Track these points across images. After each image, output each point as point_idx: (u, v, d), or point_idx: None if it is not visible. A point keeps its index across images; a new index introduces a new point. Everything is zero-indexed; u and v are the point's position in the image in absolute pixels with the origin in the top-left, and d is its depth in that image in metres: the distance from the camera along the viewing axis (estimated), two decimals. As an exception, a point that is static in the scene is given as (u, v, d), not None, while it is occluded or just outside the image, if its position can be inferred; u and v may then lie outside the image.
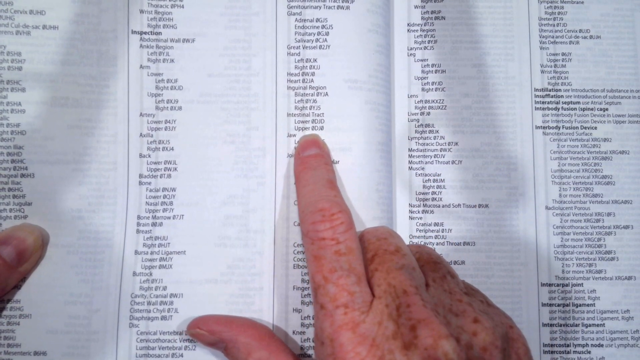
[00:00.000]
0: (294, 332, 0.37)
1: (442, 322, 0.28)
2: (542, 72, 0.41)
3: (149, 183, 0.38)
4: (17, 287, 0.36)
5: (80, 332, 0.36)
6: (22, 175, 0.36)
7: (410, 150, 0.40)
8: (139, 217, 0.37)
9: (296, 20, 0.39)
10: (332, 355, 0.28)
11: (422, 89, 0.41)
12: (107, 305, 0.36)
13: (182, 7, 0.39)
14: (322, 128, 0.38)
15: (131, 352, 0.36)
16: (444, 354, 0.26)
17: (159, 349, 0.36)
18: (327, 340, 0.29)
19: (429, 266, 0.32)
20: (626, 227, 0.40)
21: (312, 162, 0.37)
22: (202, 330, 0.34)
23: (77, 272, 0.36)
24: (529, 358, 0.30)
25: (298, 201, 0.36)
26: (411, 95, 0.41)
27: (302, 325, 0.37)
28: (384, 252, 0.32)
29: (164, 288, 0.37)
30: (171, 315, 0.36)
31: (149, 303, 0.37)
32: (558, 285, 0.39)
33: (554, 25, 0.41)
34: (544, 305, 0.39)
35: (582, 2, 0.42)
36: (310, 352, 0.36)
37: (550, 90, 0.41)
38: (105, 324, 0.36)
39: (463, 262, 0.39)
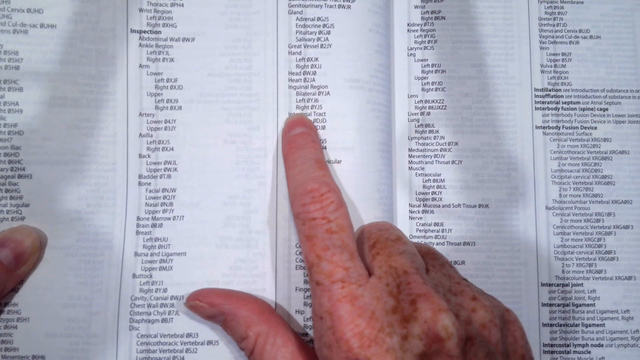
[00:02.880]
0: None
1: (441, 297, 0.28)
2: (542, 72, 0.41)
3: (149, 184, 0.37)
4: (15, 290, 0.35)
5: (79, 336, 0.35)
6: (20, 176, 0.36)
7: (410, 150, 0.40)
8: (138, 218, 0.37)
9: (297, 19, 0.39)
10: (332, 328, 0.28)
11: (422, 89, 0.41)
12: (107, 307, 0.36)
13: (182, 5, 0.38)
14: (323, 127, 0.38)
15: (131, 355, 0.36)
16: (443, 327, 0.27)
17: (160, 352, 0.36)
18: (326, 314, 0.29)
19: (429, 256, 0.33)
20: (626, 227, 0.40)
21: (299, 141, 0.36)
22: (201, 303, 0.34)
23: (75, 274, 0.36)
24: (525, 340, 0.30)
25: (287, 183, 0.36)
26: (411, 95, 0.41)
27: (306, 326, 0.36)
28: (385, 239, 0.32)
29: (165, 290, 0.36)
30: (172, 318, 0.36)
31: (149, 305, 0.36)
32: (558, 285, 0.39)
33: (554, 25, 0.42)
34: (544, 305, 0.39)
35: (582, 2, 0.42)
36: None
37: (550, 90, 0.41)
38: (105, 326, 0.36)
39: (463, 262, 0.39)
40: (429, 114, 0.41)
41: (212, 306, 0.34)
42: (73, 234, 0.36)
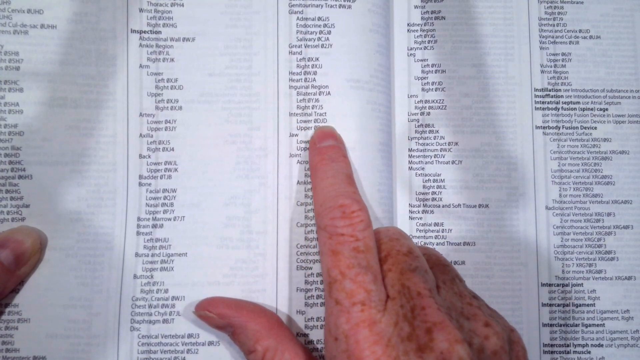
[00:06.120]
0: (298, 334, 0.36)
1: (456, 326, 0.28)
2: (542, 72, 0.41)
3: (149, 184, 0.37)
4: (15, 291, 0.35)
5: (80, 337, 0.35)
6: (20, 177, 0.36)
7: (410, 150, 0.40)
8: (139, 219, 0.37)
9: (298, 19, 0.39)
10: (347, 352, 0.28)
11: (422, 89, 0.41)
12: (108, 308, 0.36)
13: (182, 5, 0.38)
14: (324, 128, 0.38)
15: (132, 356, 0.36)
16: (459, 358, 0.26)
17: (161, 352, 0.36)
18: (342, 337, 0.28)
19: (439, 268, 0.32)
20: (626, 227, 0.40)
21: (330, 153, 0.36)
22: (211, 314, 0.34)
23: (76, 275, 0.36)
24: (526, 359, 0.30)
25: (315, 193, 0.35)
26: (411, 95, 0.41)
27: (306, 327, 0.36)
28: (397, 252, 0.31)
29: (166, 291, 0.36)
30: (173, 319, 0.36)
31: (150, 306, 0.36)
32: (558, 285, 0.39)
33: (554, 25, 0.42)
34: (544, 305, 0.39)
35: (582, 2, 0.42)
36: (315, 354, 0.36)
37: (550, 90, 0.41)
38: (106, 327, 0.35)
39: (463, 262, 0.39)
40: (429, 114, 0.41)
41: (221, 317, 0.34)
42: (73, 235, 0.36)
